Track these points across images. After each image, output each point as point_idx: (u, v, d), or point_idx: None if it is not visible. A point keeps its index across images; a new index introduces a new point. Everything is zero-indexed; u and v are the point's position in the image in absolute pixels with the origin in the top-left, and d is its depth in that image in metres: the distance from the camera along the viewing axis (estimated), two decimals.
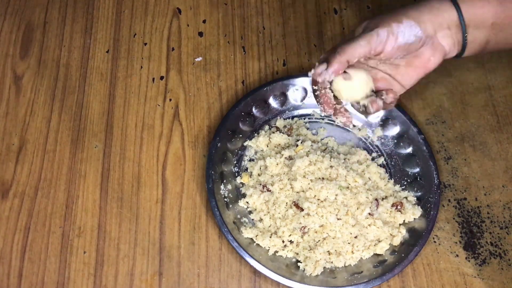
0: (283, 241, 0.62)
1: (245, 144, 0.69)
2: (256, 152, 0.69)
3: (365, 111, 0.56)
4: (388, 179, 0.67)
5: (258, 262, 0.59)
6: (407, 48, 0.53)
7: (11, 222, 0.65)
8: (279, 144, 0.68)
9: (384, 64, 0.56)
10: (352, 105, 0.58)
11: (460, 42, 0.55)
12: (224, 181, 0.66)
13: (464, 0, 0.53)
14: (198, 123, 0.71)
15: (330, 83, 0.54)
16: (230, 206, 0.64)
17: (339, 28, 0.79)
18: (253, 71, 0.75)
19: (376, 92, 0.57)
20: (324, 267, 0.61)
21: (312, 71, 0.54)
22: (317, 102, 0.56)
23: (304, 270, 0.60)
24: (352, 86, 0.55)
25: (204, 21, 0.79)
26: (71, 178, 0.67)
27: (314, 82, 0.54)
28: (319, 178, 0.63)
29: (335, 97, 0.56)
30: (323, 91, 0.54)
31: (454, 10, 0.53)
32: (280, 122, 0.71)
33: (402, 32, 0.53)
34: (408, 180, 0.67)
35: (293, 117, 0.71)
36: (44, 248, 0.63)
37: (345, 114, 0.57)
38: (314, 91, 0.55)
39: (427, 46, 0.54)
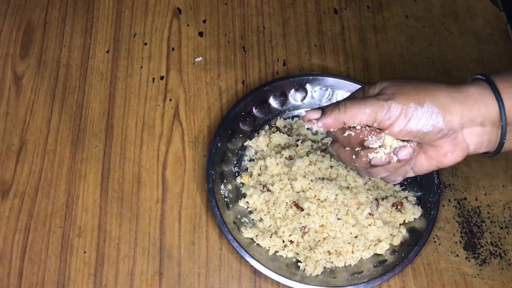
0: (283, 241, 0.62)
1: (245, 144, 0.69)
2: (256, 152, 0.69)
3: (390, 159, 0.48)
4: None
5: (258, 262, 0.59)
6: (421, 136, 0.46)
7: (11, 222, 0.65)
8: (279, 144, 0.68)
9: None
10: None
11: (492, 142, 0.47)
12: (224, 181, 0.66)
13: (508, 94, 0.45)
14: (198, 123, 0.71)
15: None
16: (230, 206, 0.64)
17: (339, 28, 0.79)
18: (253, 71, 0.75)
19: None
20: (324, 267, 0.61)
21: (303, 112, 0.48)
22: (366, 140, 0.47)
23: (304, 270, 0.60)
24: None
25: (204, 21, 0.79)
26: (71, 178, 0.67)
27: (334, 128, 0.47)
28: (319, 178, 0.63)
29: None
30: (358, 128, 0.47)
31: (496, 106, 0.45)
32: (280, 122, 0.71)
33: (418, 117, 0.45)
34: (408, 180, 0.67)
35: (293, 117, 0.71)
36: (44, 248, 0.63)
37: (382, 149, 0.47)
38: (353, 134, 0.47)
39: (447, 139, 0.46)
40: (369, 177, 0.56)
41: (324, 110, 0.48)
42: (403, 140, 0.48)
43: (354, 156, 0.49)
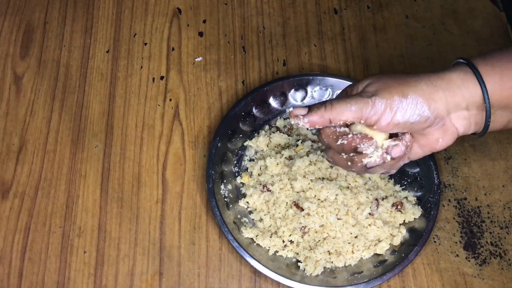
0: (283, 241, 0.62)
1: (245, 144, 0.69)
2: (256, 152, 0.69)
3: (382, 158, 0.49)
4: (388, 179, 0.67)
5: (258, 262, 0.59)
6: (408, 126, 0.47)
7: (11, 222, 0.65)
8: (279, 144, 0.68)
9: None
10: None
11: (479, 123, 0.48)
12: (224, 181, 0.66)
13: (491, 77, 0.46)
14: (198, 123, 0.71)
15: (348, 125, 0.50)
16: (230, 206, 0.64)
17: (339, 28, 0.79)
18: (253, 71, 0.75)
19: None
20: (324, 267, 0.61)
21: (291, 108, 0.49)
22: (357, 147, 0.48)
23: (304, 270, 0.60)
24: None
25: (204, 21, 0.79)
26: (71, 178, 0.67)
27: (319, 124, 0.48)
28: (319, 178, 0.63)
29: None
30: (350, 135, 0.48)
31: (478, 90, 0.46)
32: (280, 122, 0.71)
33: (403, 109, 0.46)
34: (408, 180, 0.67)
35: None
36: (44, 248, 0.63)
37: (377, 151, 0.48)
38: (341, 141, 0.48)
39: (435, 127, 0.47)
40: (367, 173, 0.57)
41: (310, 107, 0.49)
42: (395, 137, 0.49)
43: (349, 163, 0.50)
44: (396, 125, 0.47)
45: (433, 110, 0.46)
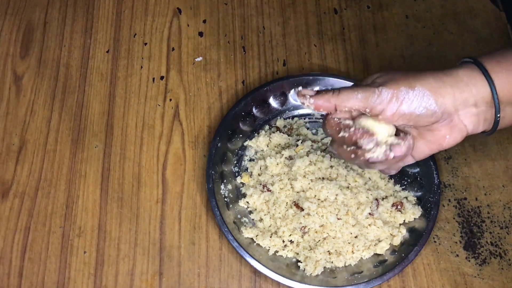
0: (283, 241, 0.62)
1: (245, 144, 0.69)
2: (256, 152, 0.69)
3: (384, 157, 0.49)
4: (388, 179, 0.67)
5: (259, 262, 0.59)
6: (414, 118, 0.47)
7: (11, 222, 0.65)
8: (279, 144, 0.68)
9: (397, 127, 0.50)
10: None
11: (488, 120, 0.48)
12: (224, 181, 0.66)
13: (498, 75, 0.46)
14: (198, 123, 0.71)
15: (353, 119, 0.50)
16: (230, 206, 0.64)
17: (339, 28, 0.79)
18: (253, 71, 0.75)
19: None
20: (324, 267, 0.61)
21: (300, 88, 0.50)
22: (357, 142, 0.48)
23: (304, 270, 0.60)
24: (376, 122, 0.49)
25: (204, 21, 0.79)
26: (71, 178, 0.67)
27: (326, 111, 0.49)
28: (319, 178, 0.63)
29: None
30: (352, 129, 0.48)
31: (486, 86, 0.46)
32: (280, 122, 0.71)
33: (410, 100, 0.46)
34: (408, 180, 0.67)
35: (293, 117, 0.71)
36: (44, 248, 0.63)
37: (379, 146, 0.48)
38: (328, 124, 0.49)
39: (443, 123, 0.47)
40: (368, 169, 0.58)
41: (318, 91, 0.49)
42: (399, 136, 0.49)
43: (353, 155, 0.50)
44: (402, 116, 0.47)
45: (440, 105, 0.46)
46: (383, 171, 0.54)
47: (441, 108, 0.46)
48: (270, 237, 0.62)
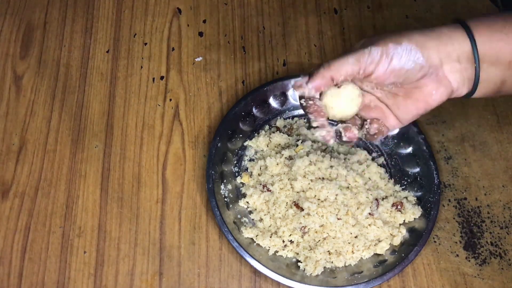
0: (283, 241, 0.62)
1: (245, 144, 0.69)
2: (256, 152, 0.69)
3: (339, 136, 0.52)
4: (388, 179, 0.67)
5: (258, 262, 0.59)
6: (404, 74, 0.47)
7: (11, 222, 0.65)
8: (279, 144, 0.68)
9: (382, 90, 0.51)
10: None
11: (472, 79, 0.48)
12: (224, 181, 0.66)
13: (479, 31, 0.46)
14: (198, 123, 0.71)
15: (320, 95, 0.51)
16: (230, 206, 0.64)
17: (339, 28, 0.79)
18: (253, 71, 0.75)
19: (364, 120, 0.53)
20: (324, 267, 0.61)
21: (293, 81, 0.50)
22: (306, 113, 0.50)
23: (304, 270, 0.60)
24: (340, 102, 0.50)
25: (204, 21, 0.79)
26: (71, 178, 0.67)
27: (300, 96, 0.50)
28: (319, 178, 0.63)
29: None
30: (310, 102, 0.49)
31: (467, 40, 0.46)
32: (280, 122, 0.71)
33: (399, 54, 0.46)
34: (408, 180, 0.67)
35: (293, 117, 0.71)
36: (44, 248, 0.63)
37: (326, 128, 0.51)
38: (300, 104, 0.50)
39: (430, 77, 0.48)
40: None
41: (310, 73, 0.49)
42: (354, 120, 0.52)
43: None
44: (393, 72, 0.47)
45: (427, 58, 0.47)
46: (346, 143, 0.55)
47: (428, 60, 0.47)
48: (270, 237, 0.62)
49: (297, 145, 0.67)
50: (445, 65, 0.48)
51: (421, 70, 0.47)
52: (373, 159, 0.68)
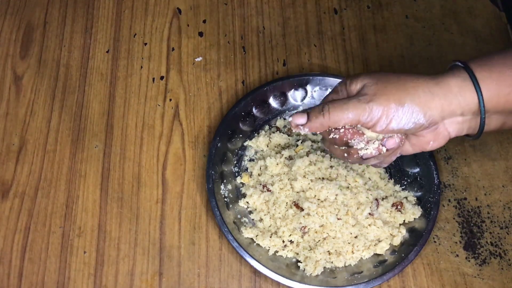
0: (283, 241, 0.62)
1: (245, 144, 0.69)
2: (256, 152, 0.69)
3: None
4: (388, 179, 0.67)
5: (258, 262, 0.59)
6: (402, 132, 0.49)
7: (11, 222, 0.65)
8: (279, 144, 0.68)
9: None
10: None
11: (473, 127, 0.49)
12: (224, 181, 0.66)
13: (487, 84, 0.46)
14: (198, 123, 0.71)
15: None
16: (230, 206, 0.64)
17: (339, 28, 0.79)
18: (253, 71, 0.75)
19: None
20: (324, 267, 0.61)
21: (290, 118, 0.50)
22: (348, 145, 0.50)
23: (304, 270, 0.60)
24: None
25: (204, 21, 0.79)
26: (71, 178, 0.67)
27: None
28: (319, 178, 0.63)
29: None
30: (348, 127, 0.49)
31: (475, 97, 0.46)
32: (280, 122, 0.71)
33: (399, 117, 0.47)
34: (408, 180, 0.67)
35: None
36: (44, 248, 0.63)
37: (369, 144, 0.50)
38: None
39: (428, 130, 0.49)
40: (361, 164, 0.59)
41: (309, 115, 0.49)
42: None
43: (346, 154, 0.52)
44: (390, 131, 0.49)
45: (428, 118, 0.47)
46: (375, 165, 0.55)
47: (429, 120, 0.47)
48: (270, 237, 0.62)
49: (297, 145, 0.67)
50: (447, 120, 0.48)
51: (420, 127, 0.48)
52: None
